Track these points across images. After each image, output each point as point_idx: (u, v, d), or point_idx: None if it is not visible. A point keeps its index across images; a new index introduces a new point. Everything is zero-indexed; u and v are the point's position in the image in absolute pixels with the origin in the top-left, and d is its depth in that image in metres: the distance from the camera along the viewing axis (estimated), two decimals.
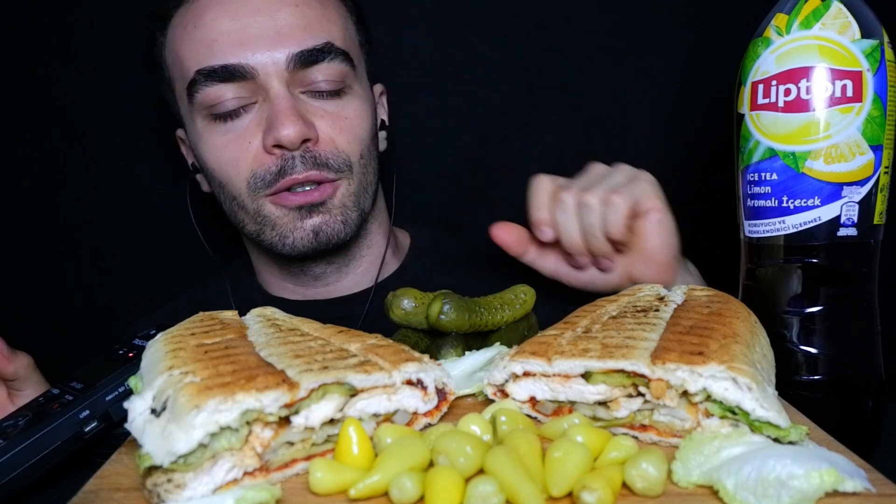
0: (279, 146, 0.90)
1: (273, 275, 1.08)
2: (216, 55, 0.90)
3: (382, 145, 1.09)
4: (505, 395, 0.59)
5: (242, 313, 0.65)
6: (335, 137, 0.94)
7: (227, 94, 0.91)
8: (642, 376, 0.51)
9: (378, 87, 1.10)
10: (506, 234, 0.89)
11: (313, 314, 0.65)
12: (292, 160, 0.91)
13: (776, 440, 0.49)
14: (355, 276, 1.07)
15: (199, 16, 0.92)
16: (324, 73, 0.93)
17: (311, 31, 0.92)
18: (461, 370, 0.65)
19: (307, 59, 0.91)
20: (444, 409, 0.57)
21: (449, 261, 1.11)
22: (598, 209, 0.80)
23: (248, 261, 1.14)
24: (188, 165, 1.08)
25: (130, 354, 0.72)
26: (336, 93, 0.95)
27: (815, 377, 0.64)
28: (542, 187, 0.84)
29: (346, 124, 0.96)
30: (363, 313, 1.01)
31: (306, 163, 0.92)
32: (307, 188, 0.94)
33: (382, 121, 1.10)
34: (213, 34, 0.90)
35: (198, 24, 0.92)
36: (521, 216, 1.32)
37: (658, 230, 0.81)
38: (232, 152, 0.93)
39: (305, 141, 0.91)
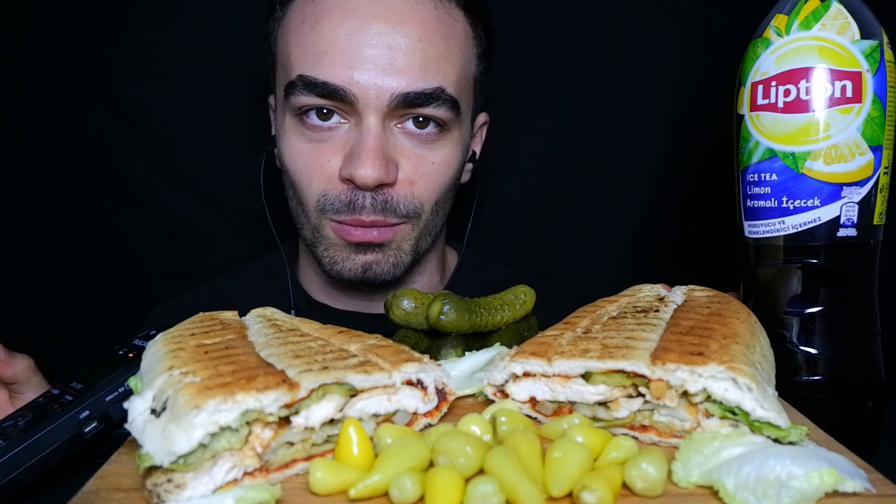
0: (352, 182, 0.88)
1: (318, 274, 1.05)
2: (322, 69, 0.86)
3: (465, 177, 1.06)
4: (505, 395, 0.59)
5: (282, 310, 0.66)
6: (415, 182, 0.91)
7: (321, 107, 0.88)
8: (642, 376, 0.51)
9: (482, 117, 1.07)
10: None
11: (353, 326, 0.64)
12: (363, 198, 0.88)
13: (776, 440, 0.49)
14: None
15: (318, 18, 0.87)
16: (424, 116, 0.90)
17: (426, 72, 0.87)
18: (461, 370, 0.65)
19: (412, 101, 0.87)
20: (444, 409, 0.57)
21: (492, 285, 1.06)
22: None
23: (290, 251, 1.10)
24: (270, 136, 1.04)
25: (130, 354, 0.72)
26: (434, 133, 0.91)
27: (815, 377, 0.64)
28: None
29: (430, 170, 0.92)
30: None
31: (376, 206, 0.89)
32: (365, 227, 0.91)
33: (473, 152, 1.06)
34: (325, 45, 0.86)
35: (315, 25, 0.87)
36: (520, 217, 1.33)
37: None
38: (309, 162, 0.91)
39: (382, 185, 0.88)
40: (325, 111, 0.89)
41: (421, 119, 0.90)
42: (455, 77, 0.91)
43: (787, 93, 0.63)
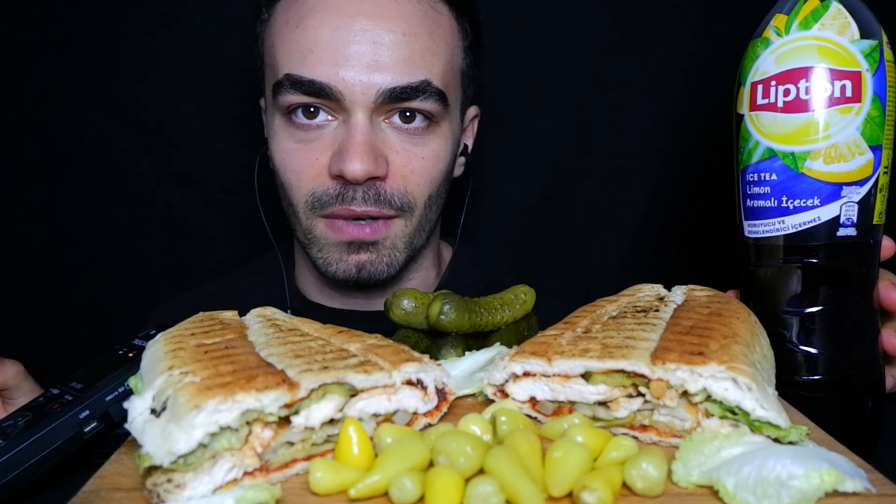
0: (341, 177, 0.88)
1: (313, 274, 1.05)
2: (308, 67, 0.86)
3: (458, 171, 1.05)
4: (505, 395, 0.59)
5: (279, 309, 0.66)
6: (407, 176, 0.91)
7: (308, 106, 0.88)
8: (642, 376, 0.51)
9: (472, 111, 1.07)
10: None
11: (351, 325, 0.64)
12: (353, 191, 0.88)
13: (776, 440, 0.49)
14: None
15: (302, 17, 0.88)
16: (411, 110, 0.90)
17: (412, 65, 0.88)
18: (461, 370, 0.65)
19: (399, 95, 0.87)
20: (444, 409, 0.57)
21: (487, 279, 1.07)
22: None
23: (287, 252, 1.11)
24: (263, 138, 1.04)
25: (130, 354, 0.72)
26: (419, 129, 0.91)
27: (815, 377, 0.64)
28: None
29: (420, 165, 0.92)
30: None
31: (367, 199, 0.89)
32: (362, 222, 0.91)
33: (465, 146, 1.06)
34: (310, 43, 0.86)
35: (299, 24, 0.87)
36: (520, 217, 1.33)
37: None
38: (298, 162, 0.91)
39: (373, 178, 0.88)
40: (311, 109, 0.89)
41: (408, 113, 0.90)
42: (441, 70, 0.91)
43: (786, 92, 0.63)
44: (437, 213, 1.01)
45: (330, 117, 0.90)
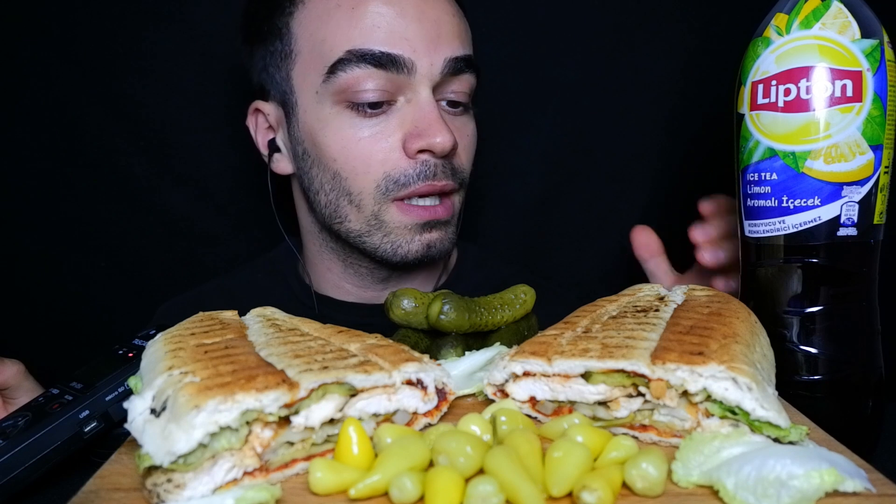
0: (427, 152, 0.90)
1: (331, 271, 1.05)
2: (377, 42, 0.88)
3: None
4: (505, 395, 0.59)
5: (280, 305, 0.66)
6: (461, 152, 0.95)
7: (374, 81, 0.88)
8: (642, 376, 0.51)
9: None
10: (642, 237, 0.93)
11: (360, 317, 0.64)
12: (434, 167, 0.91)
13: (776, 440, 0.49)
14: (411, 285, 1.06)
15: (358, 2, 0.89)
16: (461, 86, 0.94)
17: (462, 41, 0.94)
18: (461, 370, 0.65)
19: (457, 67, 0.92)
20: (444, 409, 0.57)
21: (495, 282, 1.07)
22: None
23: (293, 247, 1.10)
24: (263, 143, 1.03)
25: (130, 354, 0.72)
26: (463, 107, 0.96)
27: (815, 377, 0.64)
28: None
29: (467, 141, 0.97)
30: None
31: (446, 172, 0.92)
32: (431, 203, 0.93)
33: None
34: (376, 22, 0.88)
35: (357, 6, 0.89)
36: (520, 217, 1.33)
37: None
38: (365, 148, 0.90)
39: (451, 152, 0.92)
40: (373, 90, 0.89)
41: (459, 93, 0.94)
42: (472, 51, 0.97)
43: (787, 92, 0.63)
44: None
45: (393, 98, 0.91)
